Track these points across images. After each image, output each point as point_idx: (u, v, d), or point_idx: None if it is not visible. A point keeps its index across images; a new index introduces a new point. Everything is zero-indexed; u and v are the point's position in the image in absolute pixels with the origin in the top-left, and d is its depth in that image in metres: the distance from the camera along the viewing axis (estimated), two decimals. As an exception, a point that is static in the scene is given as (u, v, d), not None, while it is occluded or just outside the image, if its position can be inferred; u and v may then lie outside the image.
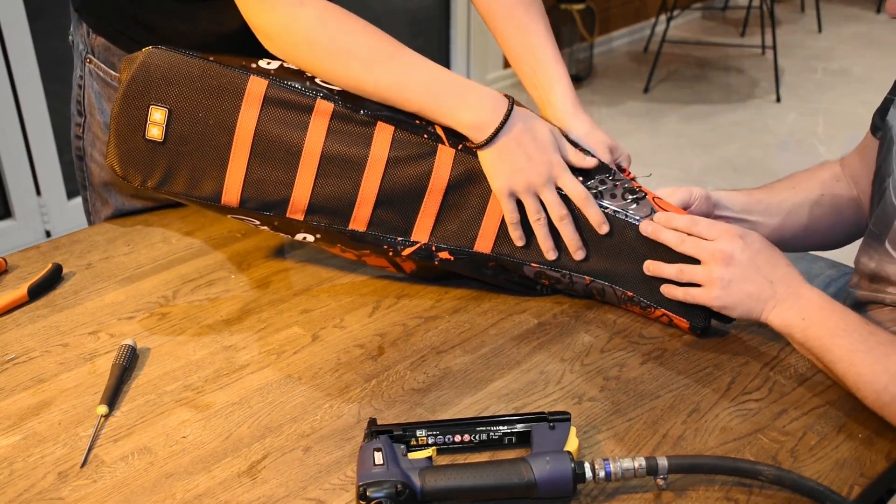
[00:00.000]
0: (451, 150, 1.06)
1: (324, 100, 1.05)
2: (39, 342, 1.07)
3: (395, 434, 0.87)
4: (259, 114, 1.05)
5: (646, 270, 1.06)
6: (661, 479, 0.83)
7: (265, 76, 1.05)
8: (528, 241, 1.08)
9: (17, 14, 2.54)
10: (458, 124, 1.04)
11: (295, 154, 1.05)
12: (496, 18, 1.19)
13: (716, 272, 1.00)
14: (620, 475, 0.82)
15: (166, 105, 1.05)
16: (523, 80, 1.19)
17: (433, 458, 0.86)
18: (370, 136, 1.06)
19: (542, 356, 1.04)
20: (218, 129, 1.05)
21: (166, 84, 1.05)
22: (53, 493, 0.86)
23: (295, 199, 1.07)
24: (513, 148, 1.04)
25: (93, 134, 1.31)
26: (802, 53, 4.47)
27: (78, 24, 1.27)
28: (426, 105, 1.04)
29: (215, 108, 1.05)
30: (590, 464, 0.83)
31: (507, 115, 1.03)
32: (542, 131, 1.06)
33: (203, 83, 1.04)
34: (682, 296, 1.03)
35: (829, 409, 0.95)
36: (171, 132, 1.05)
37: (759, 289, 0.99)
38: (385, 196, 1.07)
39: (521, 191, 1.05)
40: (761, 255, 1.01)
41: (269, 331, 1.08)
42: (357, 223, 1.08)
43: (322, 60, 1.04)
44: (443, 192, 1.07)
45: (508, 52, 1.20)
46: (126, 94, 1.05)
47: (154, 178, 1.07)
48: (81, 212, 1.42)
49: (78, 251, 1.24)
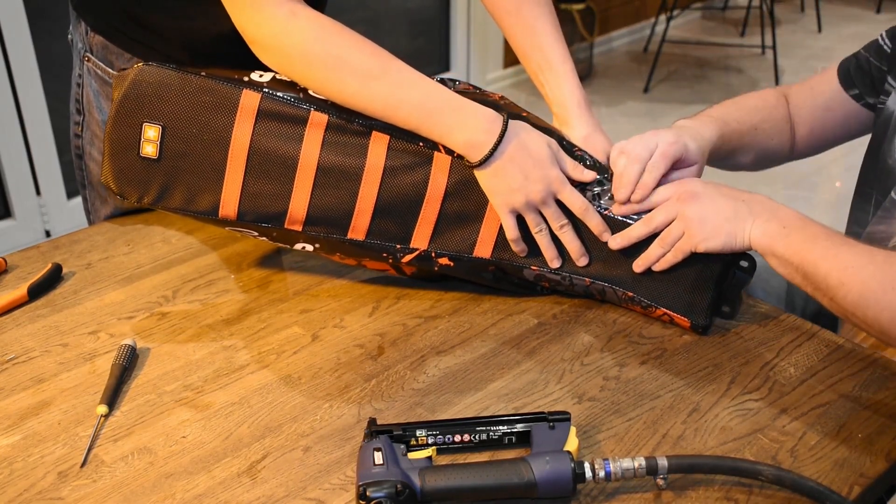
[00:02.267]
0: (448, 158, 1.06)
1: (318, 111, 1.05)
2: (39, 342, 1.06)
3: (395, 434, 0.87)
4: (253, 127, 1.04)
5: (636, 269, 1.06)
6: (661, 479, 0.83)
7: (258, 89, 1.05)
8: (529, 249, 1.08)
9: (17, 14, 2.54)
10: (452, 144, 1.04)
11: (291, 166, 1.05)
12: (504, 16, 1.19)
13: (688, 212, 1.01)
14: (620, 475, 0.82)
15: (160, 122, 1.05)
16: (532, 78, 1.20)
17: (433, 457, 0.86)
18: (366, 146, 1.05)
19: (542, 356, 1.04)
20: (213, 144, 1.05)
21: (159, 101, 1.04)
22: (53, 493, 0.86)
23: (292, 211, 1.06)
24: (509, 167, 1.03)
25: (91, 132, 1.31)
26: (802, 53, 4.47)
27: (76, 23, 1.27)
28: (420, 124, 1.03)
29: (209, 124, 1.05)
30: (590, 464, 0.83)
31: (501, 134, 1.03)
32: (537, 147, 1.05)
33: (196, 99, 1.04)
34: (673, 256, 1.04)
35: (829, 409, 0.95)
36: (165, 149, 1.05)
37: (734, 210, 1.01)
38: (383, 205, 1.06)
39: (520, 208, 1.05)
40: (722, 186, 1.04)
41: (269, 331, 1.08)
42: (355, 232, 1.08)
43: (316, 73, 1.03)
44: (440, 200, 1.07)
45: (517, 50, 1.20)
46: (118, 112, 1.05)
47: (150, 195, 1.07)
48: (81, 211, 1.42)
49: (78, 251, 1.24)
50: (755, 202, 1.02)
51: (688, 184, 1.05)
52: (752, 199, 1.02)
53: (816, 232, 0.97)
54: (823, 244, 0.95)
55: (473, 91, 1.15)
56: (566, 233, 1.07)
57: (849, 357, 1.03)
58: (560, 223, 1.06)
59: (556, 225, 1.06)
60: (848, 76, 1.27)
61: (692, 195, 1.03)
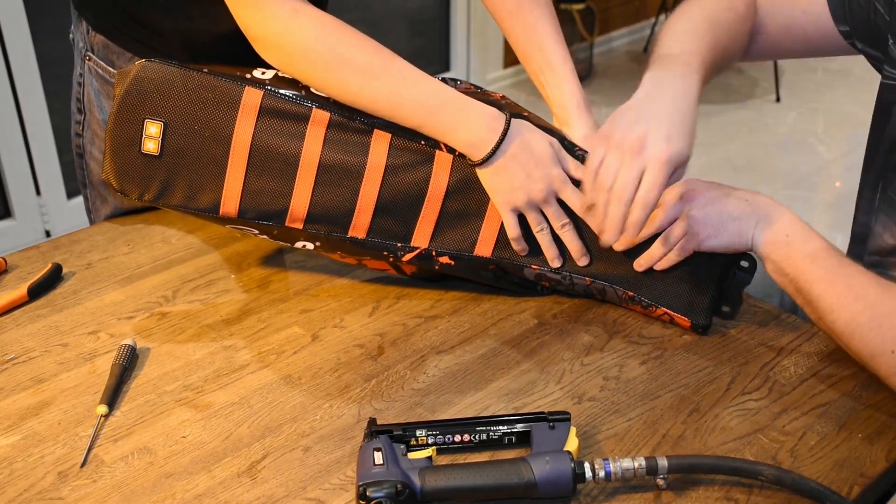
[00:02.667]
0: (449, 156, 1.06)
1: (320, 109, 1.05)
2: (39, 342, 1.06)
3: (395, 434, 0.87)
4: (255, 124, 1.04)
5: (638, 268, 1.06)
6: (661, 479, 0.83)
7: (260, 86, 1.05)
8: (529, 248, 1.08)
9: (17, 14, 2.54)
10: (454, 142, 1.04)
11: (292, 164, 1.05)
12: (506, 16, 1.19)
13: (692, 211, 1.01)
14: (620, 475, 0.82)
15: (161, 118, 1.04)
16: (532, 78, 1.20)
17: (433, 457, 0.86)
18: (367, 144, 1.05)
19: (542, 356, 1.04)
20: (214, 141, 1.05)
21: (161, 97, 1.04)
22: (53, 493, 0.86)
23: (293, 209, 1.06)
24: (510, 166, 1.03)
25: (92, 132, 1.31)
26: (802, 53, 4.47)
27: (77, 22, 1.27)
28: (422, 122, 1.03)
29: (211, 121, 1.04)
30: (590, 464, 0.83)
31: (503, 133, 1.03)
32: (540, 146, 1.05)
33: (198, 95, 1.04)
34: (676, 255, 1.03)
35: (829, 409, 0.95)
36: (167, 145, 1.05)
37: (738, 208, 1.01)
38: (384, 203, 1.06)
39: (522, 206, 1.05)
40: (724, 186, 1.03)
41: (269, 331, 1.08)
42: (356, 230, 1.08)
43: (318, 72, 1.03)
44: (442, 198, 1.07)
45: (517, 50, 1.20)
46: (120, 109, 1.05)
47: (151, 192, 1.07)
48: (81, 212, 1.42)
49: (78, 251, 1.24)
50: (759, 203, 1.01)
51: (690, 183, 1.04)
52: (755, 200, 1.02)
53: (817, 248, 0.97)
54: (823, 264, 0.95)
55: (475, 91, 1.15)
56: (567, 232, 1.07)
57: (849, 357, 1.02)
58: (561, 222, 1.06)
59: (557, 224, 1.06)
60: (841, 7, 1.13)
61: (695, 194, 1.02)
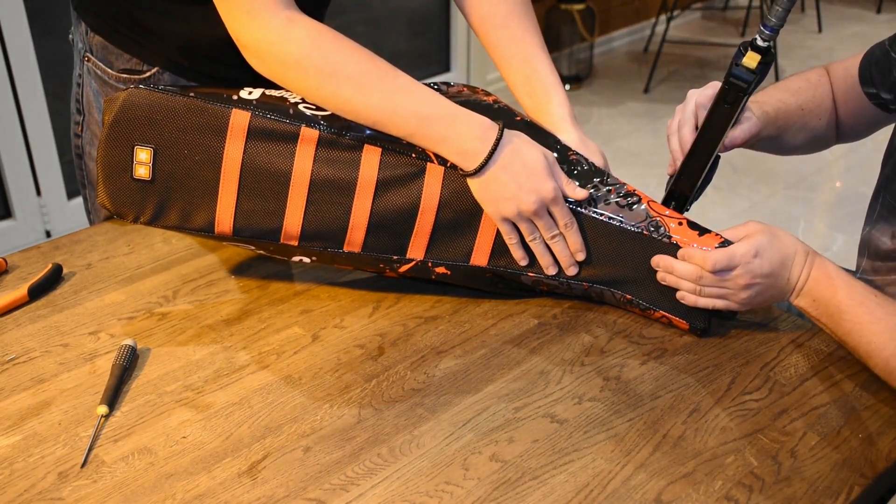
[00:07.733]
0: (440, 168, 1.06)
1: (308, 127, 1.05)
2: (39, 342, 1.07)
3: None
4: (244, 146, 1.05)
5: (661, 281, 1.05)
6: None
7: (248, 108, 1.05)
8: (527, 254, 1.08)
9: (17, 14, 2.54)
10: (446, 152, 1.04)
11: (283, 183, 1.05)
12: (490, 29, 1.19)
13: (741, 296, 1.01)
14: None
15: (151, 144, 1.05)
16: (515, 89, 1.19)
17: None
18: (358, 160, 1.05)
19: (542, 356, 1.04)
20: (205, 164, 1.05)
21: (149, 124, 1.05)
22: (53, 493, 0.86)
23: (287, 227, 1.07)
24: (502, 177, 1.03)
25: (91, 132, 1.31)
26: (802, 53, 4.47)
27: (77, 23, 1.28)
28: (415, 131, 1.03)
29: (200, 145, 1.05)
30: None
31: (495, 144, 1.02)
32: (532, 157, 1.04)
33: (186, 121, 1.04)
34: (705, 304, 1.03)
35: (829, 409, 0.95)
36: (158, 171, 1.06)
37: (780, 290, 1.02)
38: (377, 218, 1.06)
39: (512, 217, 1.05)
40: (775, 260, 1.00)
41: (269, 331, 1.08)
42: (352, 246, 1.08)
43: (312, 81, 1.03)
44: (435, 211, 1.07)
45: (501, 61, 1.20)
46: (109, 136, 1.05)
47: (146, 215, 1.08)
48: (81, 212, 1.42)
49: (78, 251, 1.24)
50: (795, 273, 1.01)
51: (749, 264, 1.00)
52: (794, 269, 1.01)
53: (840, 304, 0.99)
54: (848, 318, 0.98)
55: (467, 92, 1.15)
56: (557, 243, 1.07)
57: (849, 357, 1.03)
58: (551, 234, 1.06)
59: (547, 236, 1.06)
60: (867, 69, 1.20)
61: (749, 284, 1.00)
